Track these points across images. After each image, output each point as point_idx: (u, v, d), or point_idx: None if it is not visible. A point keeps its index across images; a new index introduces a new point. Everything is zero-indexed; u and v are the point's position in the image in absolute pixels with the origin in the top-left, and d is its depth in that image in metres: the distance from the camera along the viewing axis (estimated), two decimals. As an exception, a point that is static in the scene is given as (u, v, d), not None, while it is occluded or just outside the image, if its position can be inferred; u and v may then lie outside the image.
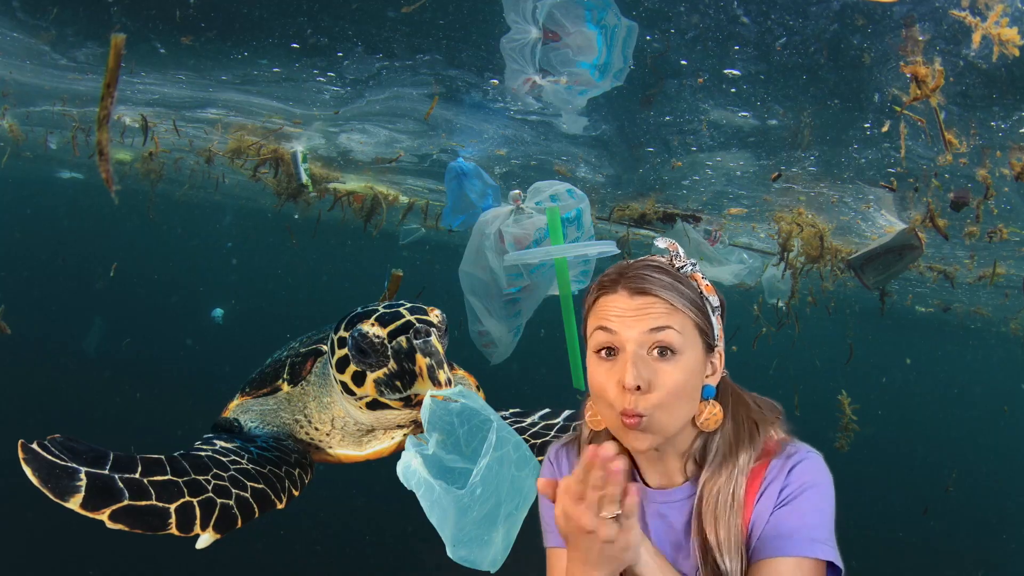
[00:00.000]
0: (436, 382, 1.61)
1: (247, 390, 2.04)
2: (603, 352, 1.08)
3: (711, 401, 1.12)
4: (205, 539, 1.53)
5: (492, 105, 4.00)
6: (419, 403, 1.72)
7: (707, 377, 1.13)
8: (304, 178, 6.26)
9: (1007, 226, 4.67)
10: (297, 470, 1.83)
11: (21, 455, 1.34)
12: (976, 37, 2.04)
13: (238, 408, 2.07)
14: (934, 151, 3.41)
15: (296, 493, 1.77)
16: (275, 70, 4.04)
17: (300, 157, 6.13)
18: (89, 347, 12.95)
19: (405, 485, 1.30)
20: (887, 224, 5.31)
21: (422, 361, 1.64)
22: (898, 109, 2.90)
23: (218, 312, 17.48)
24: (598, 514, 0.90)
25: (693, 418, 1.12)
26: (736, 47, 2.68)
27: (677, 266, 1.13)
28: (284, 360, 2.05)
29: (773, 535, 1.04)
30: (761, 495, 1.08)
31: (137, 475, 1.47)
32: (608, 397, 1.07)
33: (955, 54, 2.42)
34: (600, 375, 1.08)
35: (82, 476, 1.38)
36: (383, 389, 1.73)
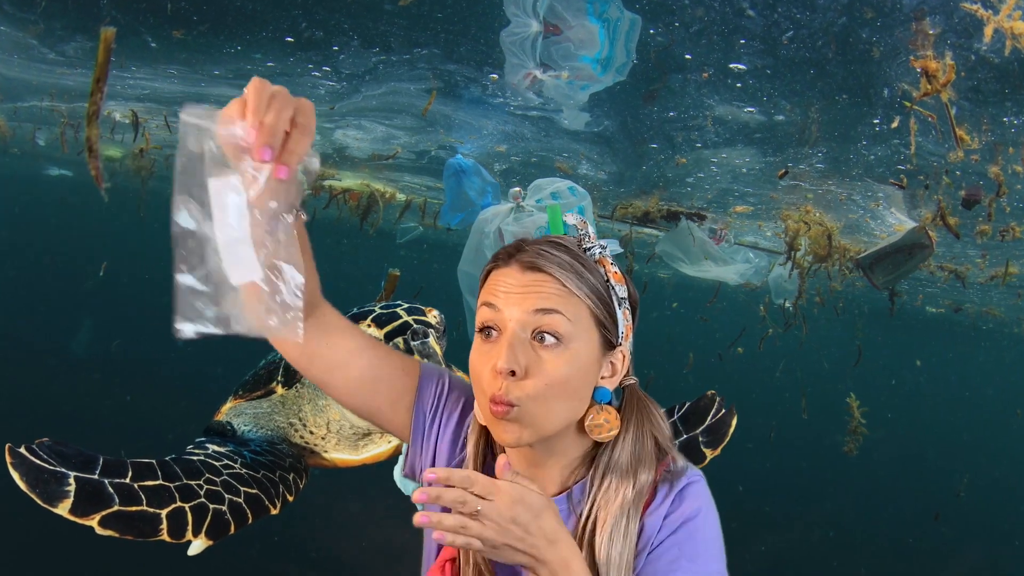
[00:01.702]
0: (434, 384, 1.61)
1: (240, 392, 2.04)
2: (484, 332, 0.99)
3: (605, 407, 1.01)
4: (197, 545, 1.53)
5: (492, 100, 4.00)
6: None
7: (603, 378, 1.02)
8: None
9: (1020, 224, 4.67)
10: (291, 475, 1.83)
11: (8, 459, 1.34)
12: (988, 31, 2.04)
13: (231, 411, 2.07)
14: (945, 148, 3.41)
15: (291, 498, 1.77)
16: (269, 64, 4.04)
17: (295, 154, 6.12)
18: (78, 348, 12.95)
19: (402, 491, 1.31)
20: (897, 222, 5.31)
21: (420, 363, 1.64)
22: (908, 104, 2.90)
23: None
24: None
25: (581, 423, 1.01)
26: (742, 41, 2.68)
27: (585, 247, 1.02)
28: (278, 362, 2.05)
29: (654, 572, 0.97)
30: (650, 514, 1.01)
31: (127, 480, 1.47)
32: (481, 382, 0.97)
33: (966, 48, 2.42)
34: (476, 359, 0.99)
35: (71, 481, 1.38)
36: (380, 392, 1.73)
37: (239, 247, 0.80)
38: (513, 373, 0.94)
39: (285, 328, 0.84)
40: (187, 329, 0.80)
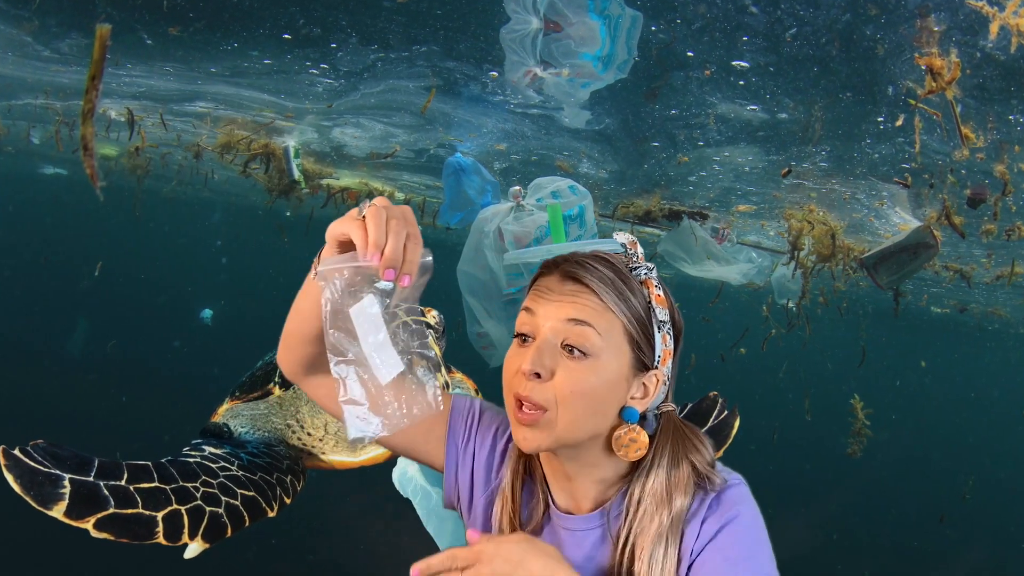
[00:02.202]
0: (433, 386, 1.61)
1: (237, 394, 2.04)
2: (520, 336, 1.02)
3: (633, 426, 1.01)
4: (194, 548, 1.53)
5: (491, 98, 4.00)
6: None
7: (633, 399, 1.02)
8: (296, 174, 6.26)
9: (1026, 224, 4.67)
10: (289, 477, 1.83)
11: (2, 461, 1.34)
12: (994, 28, 2.04)
13: (228, 413, 2.07)
14: (950, 146, 3.41)
15: (288, 501, 1.77)
16: (266, 62, 4.04)
17: (292, 152, 6.13)
18: (73, 349, 12.96)
19: (401, 493, 1.31)
20: (901, 222, 5.31)
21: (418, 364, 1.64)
22: (913, 102, 2.90)
23: (207, 313, 17.48)
24: None
25: (609, 441, 1.02)
26: (745, 38, 2.68)
27: (631, 266, 1.03)
28: (275, 363, 2.05)
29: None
30: (687, 522, 1.01)
31: (123, 482, 1.47)
32: (510, 382, 1.00)
33: (972, 45, 2.42)
34: (510, 359, 1.02)
35: (66, 483, 1.38)
36: (378, 393, 1.73)
37: (383, 351, 0.92)
38: (538, 375, 0.96)
39: (428, 405, 0.94)
40: (362, 438, 0.92)
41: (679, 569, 0.99)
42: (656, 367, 1.02)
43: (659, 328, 1.02)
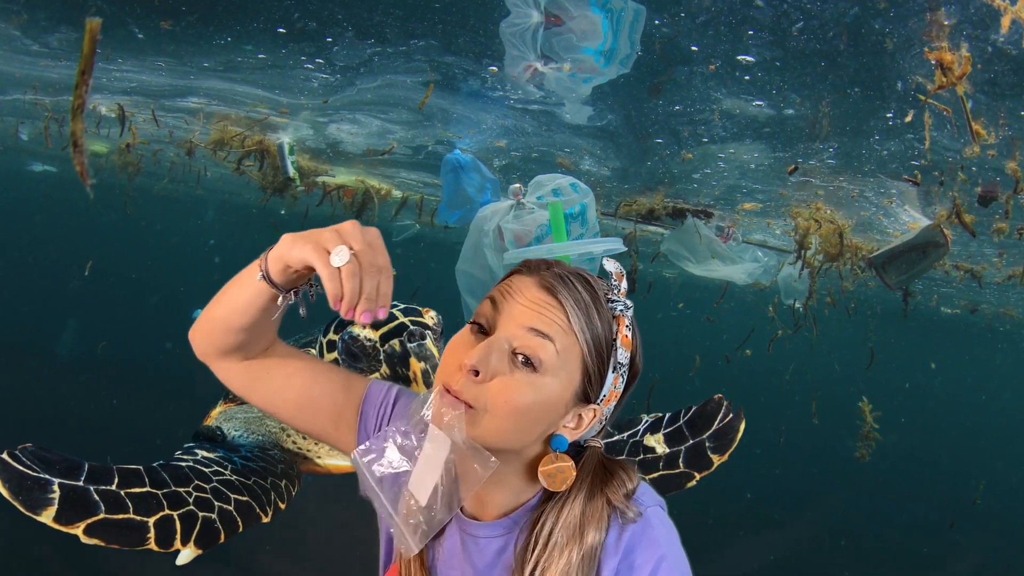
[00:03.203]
0: (432, 387, 1.61)
1: (231, 396, 2.04)
2: (475, 326, 1.00)
3: (562, 455, 1.00)
4: (186, 555, 1.53)
5: (491, 94, 4.00)
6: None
7: (564, 427, 1.01)
8: (291, 171, 6.27)
9: (1038, 222, 4.67)
10: (284, 481, 1.83)
11: (-10, 465, 1.34)
12: (1005, 21, 2.04)
13: (221, 416, 2.07)
14: (961, 142, 3.41)
15: (283, 506, 1.78)
16: (260, 56, 4.04)
17: (287, 149, 6.13)
18: (63, 350, 12.96)
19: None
20: (911, 220, 5.31)
21: (416, 366, 1.64)
22: (922, 98, 2.90)
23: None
24: None
25: (528, 461, 1.02)
26: (750, 32, 2.68)
27: (609, 297, 1.01)
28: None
29: None
30: (606, 563, 0.99)
31: (114, 487, 1.47)
32: (446, 368, 0.98)
33: (983, 39, 2.42)
34: (457, 345, 1.00)
35: (55, 488, 1.38)
36: (375, 395, 1.73)
37: (427, 478, 0.97)
38: (476, 374, 0.94)
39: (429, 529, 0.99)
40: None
41: None
42: (599, 404, 1.01)
43: (614, 369, 1.00)
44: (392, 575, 1.13)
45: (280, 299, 1.06)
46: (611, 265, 1.04)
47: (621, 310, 1.00)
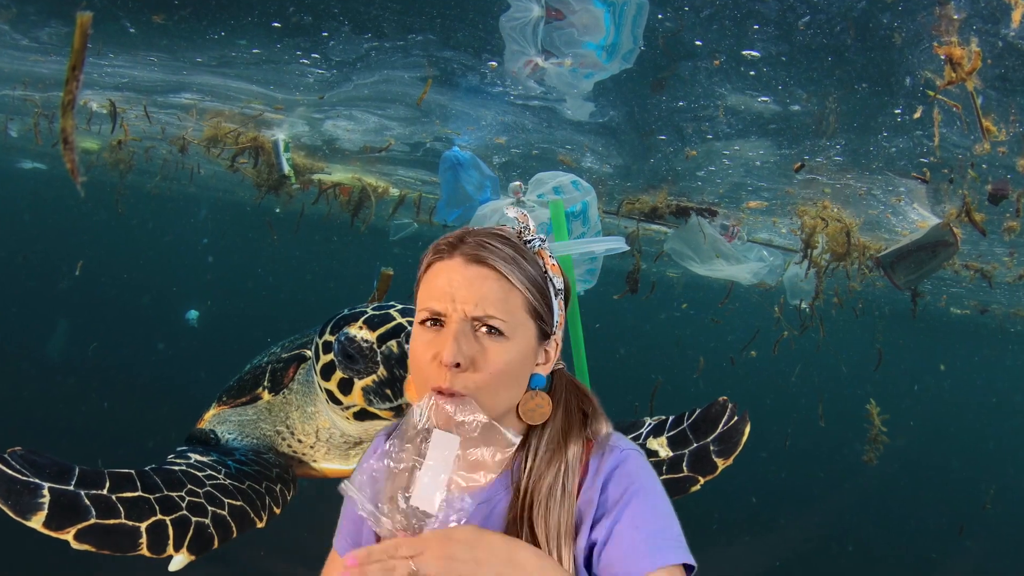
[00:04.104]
0: (429, 390, 1.61)
1: (224, 399, 2.04)
2: (427, 322, 1.06)
3: (538, 392, 1.12)
4: (179, 560, 1.53)
5: (490, 89, 4.00)
6: (411, 413, 1.72)
7: (538, 365, 1.12)
8: (286, 168, 6.27)
9: (1050, 221, 4.67)
10: (279, 486, 1.83)
11: (-21, 469, 1.34)
12: (1016, 16, 2.04)
13: (215, 418, 2.07)
14: (971, 139, 3.41)
15: (277, 511, 1.78)
16: (255, 51, 4.04)
17: (282, 146, 6.14)
18: (53, 352, 12.96)
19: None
20: (919, 219, 5.31)
21: (414, 367, 1.64)
22: (931, 94, 2.90)
23: (193, 314, 17.49)
24: None
25: (517, 407, 1.12)
26: (755, 26, 2.68)
27: (525, 239, 1.11)
28: (265, 366, 2.05)
29: (625, 554, 1.03)
30: (582, 487, 1.09)
31: (105, 491, 1.47)
32: (424, 372, 1.05)
33: (993, 34, 2.42)
34: (419, 344, 1.06)
35: (45, 492, 1.38)
36: (372, 398, 1.73)
37: (434, 483, 1.03)
38: (458, 365, 1.01)
39: None
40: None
41: (582, 528, 1.06)
42: (554, 332, 1.12)
43: (556, 295, 1.12)
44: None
45: None
46: (512, 211, 1.15)
47: (539, 244, 1.12)
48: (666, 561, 1.01)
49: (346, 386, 1.74)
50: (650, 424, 2.19)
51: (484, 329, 1.04)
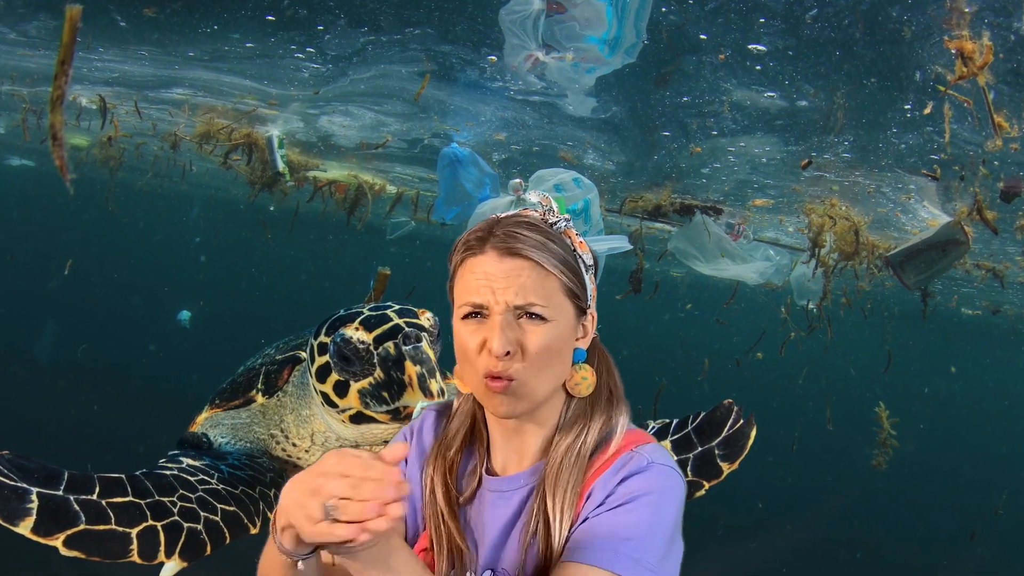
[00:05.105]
0: (427, 392, 1.62)
1: (217, 402, 2.04)
2: (470, 316, 1.12)
3: (583, 365, 1.19)
4: (171, 567, 1.53)
5: (490, 84, 4.00)
6: (408, 416, 1.72)
7: (578, 340, 1.18)
8: (280, 165, 6.27)
9: (1063, 219, 4.67)
10: (273, 491, 1.83)
11: (-34, 474, 1.34)
12: (1029, 9, 2.04)
13: (207, 422, 2.07)
14: (982, 135, 3.41)
15: (271, 516, 1.77)
16: (248, 45, 4.04)
17: (276, 142, 6.13)
18: (41, 353, 12.96)
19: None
20: (929, 217, 5.31)
21: (412, 369, 1.64)
22: (942, 89, 2.90)
23: (185, 315, 17.48)
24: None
25: (563, 384, 1.18)
26: (762, 20, 2.68)
27: (550, 222, 1.17)
28: (258, 368, 2.05)
29: (586, 539, 1.06)
30: (601, 476, 1.12)
31: (95, 496, 1.47)
32: (473, 360, 1.11)
33: (1005, 27, 2.42)
34: (465, 336, 1.12)
35: (33, 497, 1.38)
36: (368, 400, 1.73)
37: None
38: (508, 353, 1.08)
39: None
40: None
41: (585, 507, 1.09)
42: (589, 306, 1.19)
43: (587, 271, 1.18)
44: (424, 542, 1.22)
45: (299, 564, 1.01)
46: (534, 196, 1.21)
47: (564, 225, 1.17)
48: (610, 567, 1.01)
49: (342, 389, 1.74)
50: (653, 427, 2.19)
51: (526, 316, 1.10)
